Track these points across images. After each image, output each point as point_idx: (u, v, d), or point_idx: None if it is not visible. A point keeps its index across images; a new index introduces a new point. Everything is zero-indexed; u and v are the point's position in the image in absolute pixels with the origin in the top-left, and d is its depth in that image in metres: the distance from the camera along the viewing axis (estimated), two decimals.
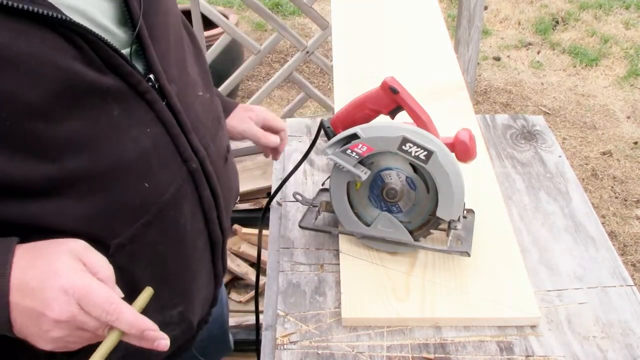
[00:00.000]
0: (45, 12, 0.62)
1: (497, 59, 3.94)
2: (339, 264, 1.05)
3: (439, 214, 0.99)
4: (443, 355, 0.91)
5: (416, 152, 0.95)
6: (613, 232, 2.67)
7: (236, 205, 2.36)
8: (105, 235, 0.71)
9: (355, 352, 0.91)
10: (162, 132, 0.75)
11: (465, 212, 1.08)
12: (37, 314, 0.62)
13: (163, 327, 0.78)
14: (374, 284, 1.00)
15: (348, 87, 1.41)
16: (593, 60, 3.88)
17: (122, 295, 0.66)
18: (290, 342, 0.93)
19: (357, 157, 0.98)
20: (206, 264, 0.89)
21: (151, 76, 0.74)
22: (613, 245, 1.12)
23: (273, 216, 1.22)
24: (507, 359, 0.91)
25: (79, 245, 0.66)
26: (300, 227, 1.10)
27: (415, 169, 0.99)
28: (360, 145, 0.97)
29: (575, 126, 3.37)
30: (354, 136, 0.98)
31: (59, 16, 0.63)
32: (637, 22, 4.27)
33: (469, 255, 1.01)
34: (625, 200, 2.87)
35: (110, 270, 0.66)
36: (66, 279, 0.62)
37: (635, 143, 3.23)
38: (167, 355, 0.88)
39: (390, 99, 0.99)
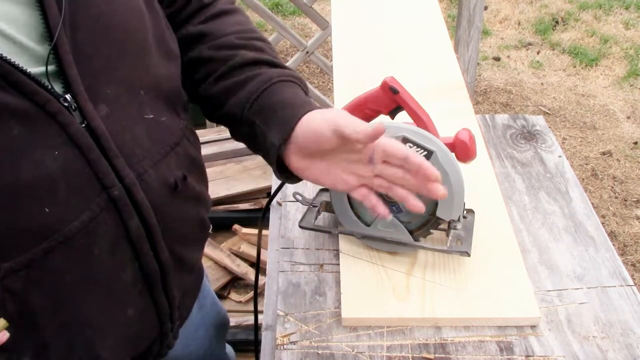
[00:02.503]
0: None
1: (497, 59, 3.94)
2: (339, 264, 1.05)
3: (438, 214, 0.99)
4: (443, 355, 0.91)
5: (416, 152, 0.95)
6: (613, 232, 2.67)
7: (236, 205, 2.37)
8: None
9: (355, 352, 0.92)
10: (75, 156, 0.69)
11: (465, 212, 1.07)
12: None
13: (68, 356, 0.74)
14: (374, 284, 1.00)
15: (348, 87, 1.41)
16: (593, 60, 3.89)
17: None
18: (290, 342, 0.93)
19: None
20: (136, 298, 0.80)
21: (67, 96, 0.68)
22: (613, 245, 1.12)
23: (273, 216, 1.22)
24: (507, 359, 0.91)
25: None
26: (300, 227, 1.10)
27: None
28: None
29: (575, 126, 3.37)
30: None
31: None
32: (637, 22, 4.28)
33: (469, 255, 1.01)
34: (625, 200, 2.87)
35: None
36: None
37: (635, 143, 3.23)
38: None
39: (390, 99, 0.99)
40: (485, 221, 1.10)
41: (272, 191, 1.23)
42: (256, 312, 1.30)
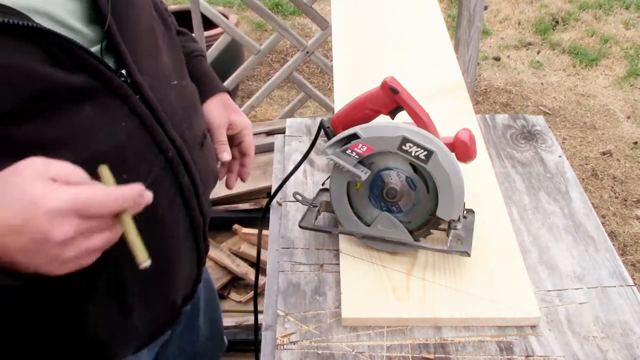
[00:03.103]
0: (16, 22, 0.62)
1: (497, 59, 3.94)
2: (339, 264, 1.05)
3: (439, 214, 0.99)
4: (443, 355, 0.91)
5: (416, 152, 0.95)
6: (613, 232, 2.67)
7: (236, 205, 2.37)
8: None
9: (355, 352, 0.92)
10: (137, 125, 0.76)
11: (465, 212, 1.08)
12: (38, 245, 0.59)
13: (149, 310, 0.87)
14: (374, 284, 1.00)
15: (348, 87, 1.41)
16: (593, 60, 3.89)
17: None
18: (290, 342, 0.93)
19: (357, 157, 0.98)
20: (188, 247, 0.90)
21: (123, 71, 0.76)
22: (613, 245, 1.12)
23: (273, 216, 1.22)
24: (507, 359, 0.91)
25: (37, 165, 0.61)
26: (300, 227, 1.10)
27: (415, 168, 0.99)
28: (360, 145, 0.97)
29: (575, 126, 3.37)
30: (354, 136, 0.98)
31: (29, 24, 0.63)
32: (637, 22, 4.28)
33: (469, 255, 1.01)
34: (625, 200, 2.87)
35: (79, 170, 0.63)
36: (50, 202, 0.58)
37: (635, 143, 3.23)
38: (153, 333, 0.93)
39: (390, 99, 0.99)
40: (485, 221, 1.10)
41: (272, 191, 1.23)
42: (256, 312, 1.29)
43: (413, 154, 0.95)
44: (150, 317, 0.88)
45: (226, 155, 1.02)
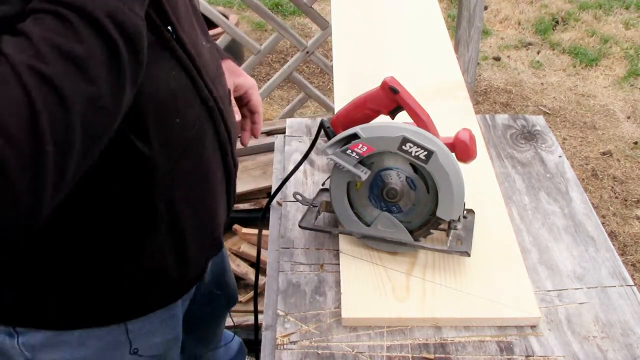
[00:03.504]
0: None
1: (497, 59, 3.94)
2: (339, 264, 1.05)
3: (439, 214, 0.99)
4: (443, 355, 0.91)
5: (416, 152, 0.95)
6: (613, 232, 2.67)
7: (236, 205, 2.37)
8: (153, 162, 0.81)
9: (355, 352, 0.92)
10: (183, 76, 0.84)
11: (465, 212, 1.08)
12: None
13: (204, 249, 0.98)
14: (374, 284, 1.00)
15: (348, 87, 1.41)
16: (593, 60, 3.88)
17: None
18: (290, 342, 0.93)
19: (357, 157, 0.98)
20: (222, 192, 0.99)
21: (169, 27, 0.82)
22: (613, 245, 1.12)
23: (273, 216, 1.22)
24: (507, 359, 0.91)
25: None
26: (300, 227, 1.10)
27: (415, 169, 0.99)
28: (361, 145, 0.97)
29: (575, 126, 3.37)
30: (354, 136, 0.98)
31: None
32: (637, 22, 4.28)
33: (469, 255, 1.01)
34: (625, 200, 2.87)
35: None
36: None
37: (635, 143, 3.23)
38: (201, 273, 1.04)
39: (391, 99, 0.99)
40: (485, 221, 1.10)
41: (272, 191, 1.23)
42: (256, 312, 1.29)
43: (413, 154, 0.95)
44: (200, 252, 0.97)
45: (236, 116, 1.10)
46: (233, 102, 1.11)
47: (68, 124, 0.59)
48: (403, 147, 0.95)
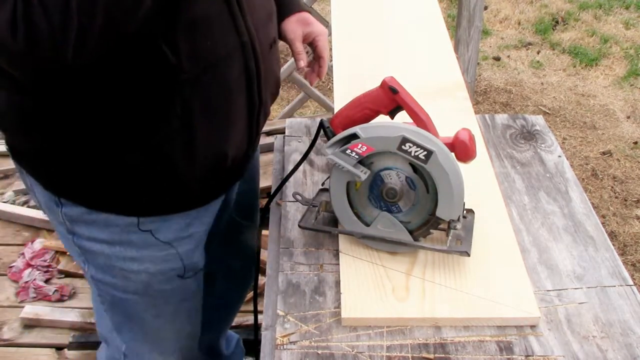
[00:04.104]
0: None
1: (497, 59, 3.94)
2: (338, 264, 1.05)
3: (438, 213, 0.99)
4: (443, 355, 0.91)
5: (416, 152, 0.95)
6: (613, 232, 2.67)
7: None
8: (178, 68, 0.90)
9: (355, 352, 0.92)
10: (223, 8, 0.93)
11: (465, 212, 1.08)
12: None
13: (217, 169, 1.05)
14: (374, 284, 1.00)
15: (348, 87, 1.41)
16: (593, 60, 3.88)
17: None
18: (290, 342, 0.93)
19: (356, 157, 0.98)
20: (243, 119, 1.04)
21: None
22: (613, 245, 1.12)
23: (273, 216, 1.22)
24: (506, 359, 0.91)
25: None
26: (299, 227, 1.10)
27: (415, 168, 0.99)
28: (360, 145, 0.97)
29: (575, 126, 3.37)
30: (354, 136, 0.98)
31: None
32: (637, 22, 4.27)
33: (469, 255, 1.01)
34: (625, 200, 2.87)
35: None
36: None
37: (635, 143, 3.23)
38: (214, 194, 1.11)
39: (390, 99, 0.99)
40: (485, 221, 1.10)
41: (272, 191, 1.23)
42: (256, 312, 1.30)
43: (413, 154, 0.95)
44: (211, 171, 1.04)
45: (301, 62, 1.23)
46: (299, 48, 1.23)
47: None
48: (403, 147, 0.95)
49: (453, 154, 0.98)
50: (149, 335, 1.22)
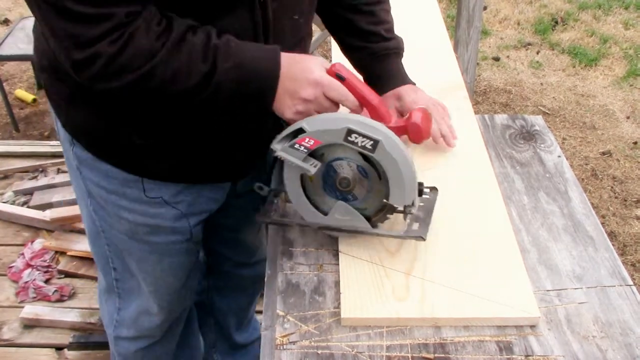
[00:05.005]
0: None
1: (497, 59, 3.94)
2: (338, 264, 1.05)
3: (391, 200, 0.99)
4: (443, 355, 0.91)
5: (362, 142, 0.95)
6: (613, 232, 2.67)
7: None
8: None
9: (354, 352, 0.92)
10: (249, 27, 0.98)
11: (428, 190, 1.08)
12: (293, 93, 0.96)
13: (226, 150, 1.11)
14: (373, 284, 1.00)
15: None
16: (592, 60, 3.89)
17: None
18: (290, 342, 0.93)
19: (305, 150, 0.98)
20: (257, 131, 1.10)
21: None
22: (613, 245, 1.12)
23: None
24: (506, 359, 0.91)
25: (324, 61, 1.00)
26: (257, 219, 1.10)
27: (365, 157, 0.99)
28: (307, 139, 0.97)
29: (575, 126, 3.37)
30: (300, 130, 0.97)
31: None
32: (636, 22, 4.28)
33: (424, 240, 1.01)
34: (625, 200, 2.87)
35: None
36: (318, 75, 0.97)
37: (635, 143, 3.23)
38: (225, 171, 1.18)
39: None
40: (485, 221, 1.10)
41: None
42: None
43: (360, 144, 0.95)
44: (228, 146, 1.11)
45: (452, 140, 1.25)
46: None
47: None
48: (349, 138, 0.95)
49: (405, 136, 0.97)
50: (134, 276, 1.30)
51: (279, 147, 0.99)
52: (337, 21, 1.26)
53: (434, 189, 1.09)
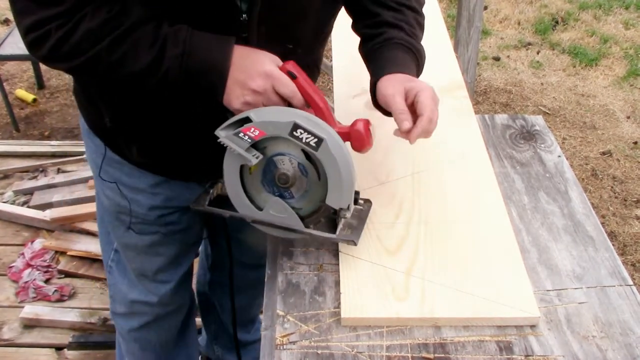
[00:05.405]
0: None
1: (497, 59, 3.94)
2: (338, 264, 1.05)
3: (328, 201, 0.99)
4: (443, 355, 0.91)
5: (307, 138, 0.95)
6: (613, 232, 2.67)
7: None
8: None
9: (354, 352, 0.92)
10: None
11: (362, 202, 1.08)
12: (242, 84, 0.96)
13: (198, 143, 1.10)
14: (373, 284, 1.00)
15: (348, 87, 1.41)
16: (593, 60, 3.89)
17: None
18: (290, 342, 0.93)
19: (249, 140, 0.97)
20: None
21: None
22: (613, 245, 1.12)
23: None
24: (506, 359, 0.91)
25: (276, 57, 0.99)
26: (191, 208, 1.10)
27: (307, 155, 0.99)
28: (253, 128, 0.97)
29: (575, 126, 3.37)
30: (247, 119, 0.97)
31: None
32: (636, 22, 4.28)
33: (356, 244, 1.01)
34: (625, 200, 2.87)
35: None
36: (269, 68, 0.96)
37: (635, 143, 3.23)
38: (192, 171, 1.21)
39: None
40: (485, 221, 1.10)
41: None
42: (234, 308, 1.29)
43: (304, 140, 0.95)
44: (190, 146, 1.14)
45: (406, 124, 1.00)
46: (401, 106, 1.01)
47: None
48: (294, 132, 0.95)
49: (348, 142, 0.98)
50: (118, 252, 1.40)
51: (223, 134, 0.98)
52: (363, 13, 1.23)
53: (367, 201, 1.10)
